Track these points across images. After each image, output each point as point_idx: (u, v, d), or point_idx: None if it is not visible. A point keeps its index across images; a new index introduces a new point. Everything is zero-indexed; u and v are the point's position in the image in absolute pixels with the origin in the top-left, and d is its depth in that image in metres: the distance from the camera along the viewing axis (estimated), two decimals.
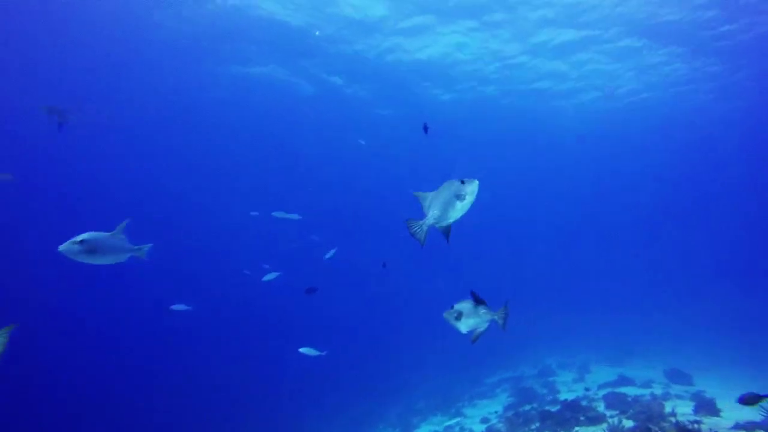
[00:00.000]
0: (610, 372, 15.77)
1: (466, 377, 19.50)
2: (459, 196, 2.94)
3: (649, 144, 25.78)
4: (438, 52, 17.25)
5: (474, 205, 2.99)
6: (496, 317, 3.73)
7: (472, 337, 3.74)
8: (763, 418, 7.47)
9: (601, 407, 9.81)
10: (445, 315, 3.69)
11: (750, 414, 7.99)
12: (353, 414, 17.08)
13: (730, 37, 15.11)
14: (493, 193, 32.84)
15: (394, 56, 17.69)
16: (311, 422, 16.86)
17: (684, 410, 9.07)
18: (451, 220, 3.01)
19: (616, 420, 7.88)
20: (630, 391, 12.03)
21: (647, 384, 13.27)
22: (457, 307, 3.69)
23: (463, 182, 2.95)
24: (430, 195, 3.03)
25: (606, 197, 35.43)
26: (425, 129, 7.26)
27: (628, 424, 7.70)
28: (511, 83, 19.51)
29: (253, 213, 15.13)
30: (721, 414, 8.77)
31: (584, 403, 9.95)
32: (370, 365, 22.68)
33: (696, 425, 6.35)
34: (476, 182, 2.95)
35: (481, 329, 3.71)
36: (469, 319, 3.65)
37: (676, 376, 14.12)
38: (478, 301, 3.70)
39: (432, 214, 2.96)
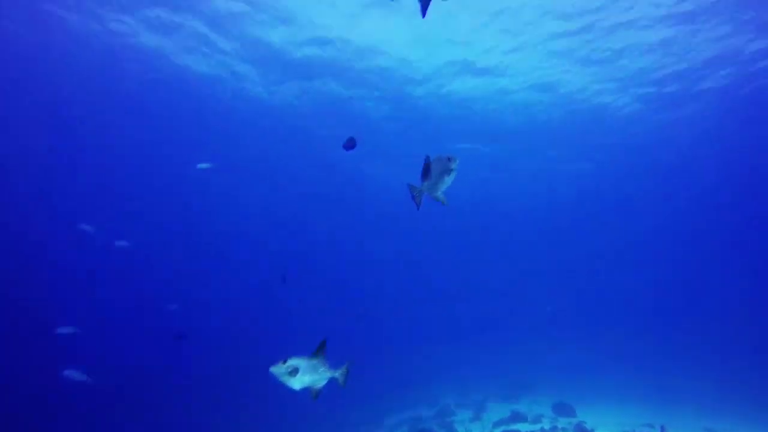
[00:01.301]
0: (505, 408, 16.77)
1: (363, 418, 19.20)
2: (447, 171, 3.55)
3: (534, 167, 27.21)
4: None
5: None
6: (336, 375, 3.60)
7: (312, 395, 3.56)
8: None
9: None
10: (274, 369, 3.39)
11: None
12: None
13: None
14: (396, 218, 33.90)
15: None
16: None
17: None
18: (441, 191, 3.65)
19: None
20: (522, 427, 12.94)
21: (537, 419, 14.44)
22: (292, 362, 3.43)
23: (449, 159, 3.55)
24: (425, 169, 3.63)
25: (498, 232, 37.61)
26: (350, 146, 6.76)
27: None
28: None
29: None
30: None
31: None
32: (252, 408, 21.19)
33: None
34: (458, 159, 3.57)
35: (319, 386, 3.55)
36: (305, 376, 3.45)
37: (562, 409, 15.54)
38: (319, 352, 3.53)
39: (426, 184, 3.61)
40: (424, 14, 3.63)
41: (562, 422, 13.68)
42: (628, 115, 18.99)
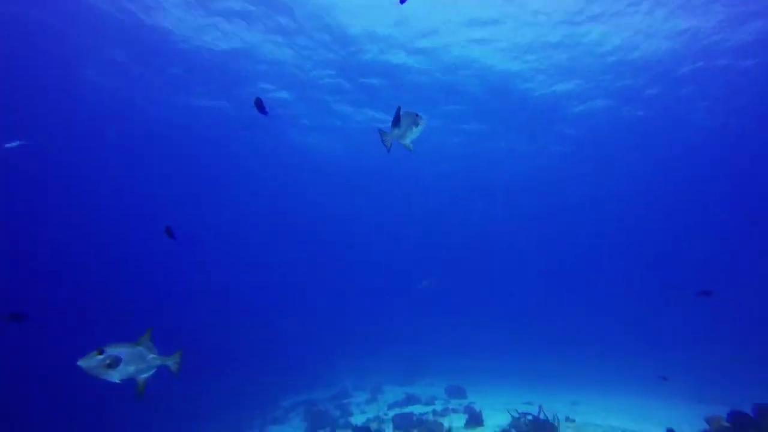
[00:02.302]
0: (400, 392, 17.61)
1: (260, 400, 18.94)
2: (415, 123, 4.13)
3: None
4: None
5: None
6: (168, 362, 3.34)
7: (138, 388, 3.18)
8: (509, 422, 9.40)
9: (389, 429, 10.74)
10: (84, 362, 2.83)
11: (504, 419, 10.03)
12: None
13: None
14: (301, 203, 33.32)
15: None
16: None
17: (458, 424, 10.75)
18: (408, 140, 4.21)
19: None
20: (416, 409, 13.66)
21: (431, 401, 15.39)
22: (111, 350, 2.91)
23: (417, 115, 4.13)
24: (395, 119, 4.16)
25: (394, 222, 38.45)
26: (260, 107, 6.24)
27: None
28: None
29: None
30: (485, 423, 10.73)
31: (374, 426, 10.73)
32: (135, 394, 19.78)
33: None
34: (426, 118, 4.16)
35: (145, 376, 3.18)
36: (130, 366, 3.01)
37: (454, 391, 16.74)
38: (145, 338, 3.19)
39: (396, 131, 4.15)
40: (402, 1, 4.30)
41: (454, 404, 14.72)
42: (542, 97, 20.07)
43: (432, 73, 17.80)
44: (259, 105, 6.02)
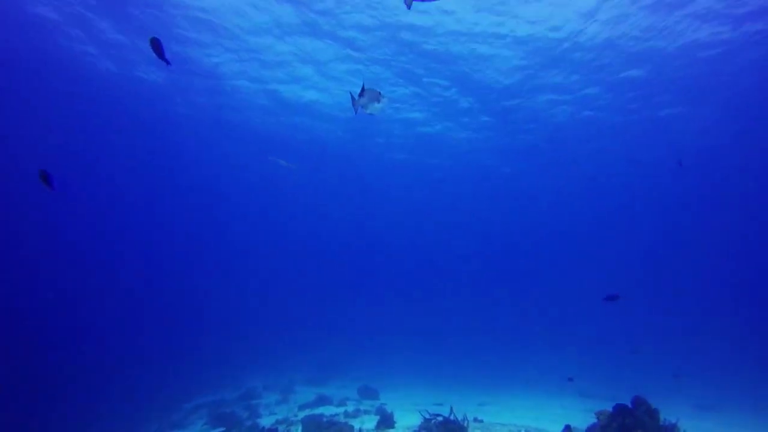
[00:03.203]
0: (312, 392, 17.26)
1: (159, 402, 17.55)
2: (377, 100, 4.68)
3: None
4: None
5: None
6: None
7: None
8: (420, 423, 9.45)
9: (298, 431, 10.38)
10: None
11: (416, 420, 10.08)
12: None
13: None
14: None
15: None
16: None
17: (369, 425, 10.67)
18: (370, 111, 4.79)
19: None
20: (327, 410, 13.41)
21: (343, 402, 15.22)
22: None
23: (380, 93, 4.67)
24: (361, 91, 4.72)
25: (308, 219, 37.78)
26: (158, 51, 5.11)
27: None
28: None
29: None
30: (396, 425, 10.73)
31: (282, 428, 10.31)
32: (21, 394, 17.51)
33: None
34: (387, 98, 4.72)
35: None
36: None
37: (367, 392, 16.71)
38: None
39: (361, 101, 4.69)
40: (409, 7, 4.81)
41: (366, 405, 14.66)
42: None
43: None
44: (157, 47, 5.00)
